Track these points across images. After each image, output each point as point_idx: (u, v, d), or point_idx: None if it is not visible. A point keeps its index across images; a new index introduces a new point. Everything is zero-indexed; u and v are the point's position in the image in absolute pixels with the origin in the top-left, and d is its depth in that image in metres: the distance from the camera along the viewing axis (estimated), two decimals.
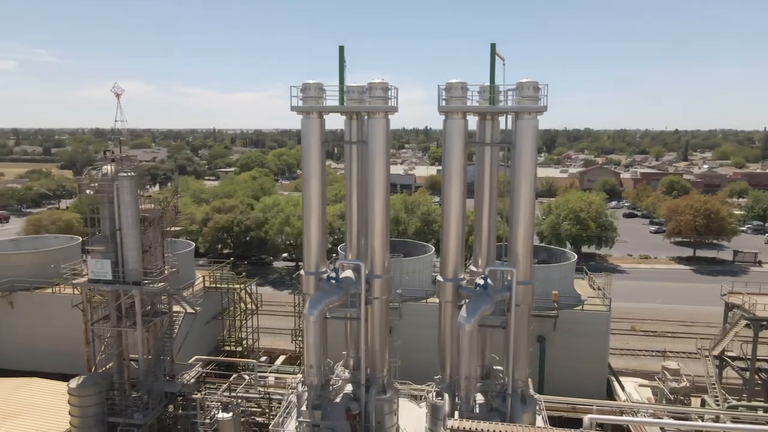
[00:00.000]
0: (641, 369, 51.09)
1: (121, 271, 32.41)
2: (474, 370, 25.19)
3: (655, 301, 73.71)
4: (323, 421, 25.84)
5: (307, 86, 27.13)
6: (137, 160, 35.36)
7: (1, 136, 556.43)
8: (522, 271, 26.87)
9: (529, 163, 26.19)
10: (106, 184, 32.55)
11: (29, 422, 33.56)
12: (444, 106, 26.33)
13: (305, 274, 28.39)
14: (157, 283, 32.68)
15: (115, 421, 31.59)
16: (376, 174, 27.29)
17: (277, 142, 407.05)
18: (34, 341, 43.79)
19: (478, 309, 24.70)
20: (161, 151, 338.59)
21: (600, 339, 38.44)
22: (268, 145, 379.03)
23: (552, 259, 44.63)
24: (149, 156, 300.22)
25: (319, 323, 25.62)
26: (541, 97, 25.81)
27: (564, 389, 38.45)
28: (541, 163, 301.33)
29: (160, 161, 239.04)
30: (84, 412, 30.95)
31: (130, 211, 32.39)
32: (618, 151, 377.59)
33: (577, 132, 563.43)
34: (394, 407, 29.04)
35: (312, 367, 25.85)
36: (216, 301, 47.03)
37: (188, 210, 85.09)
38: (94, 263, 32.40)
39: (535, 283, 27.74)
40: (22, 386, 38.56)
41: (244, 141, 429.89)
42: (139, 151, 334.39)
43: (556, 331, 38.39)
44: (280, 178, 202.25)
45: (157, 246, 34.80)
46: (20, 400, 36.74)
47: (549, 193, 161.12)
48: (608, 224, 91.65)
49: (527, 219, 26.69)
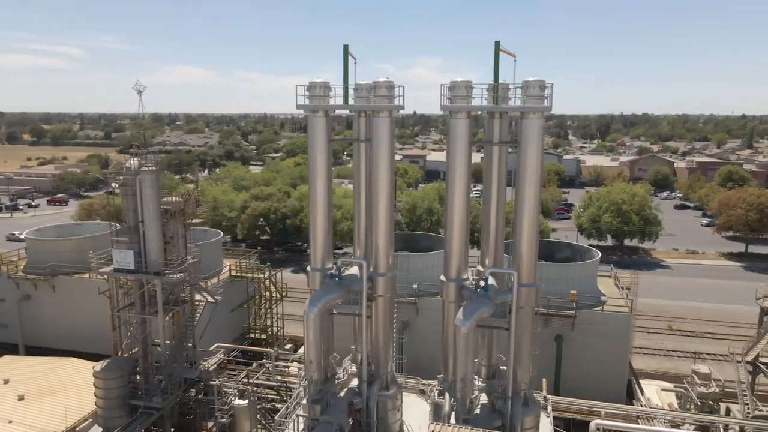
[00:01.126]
0: (673, 371, 49.41)
1: (144, 262, 33.86)
2: (470, 372, 25.12)
3: (697, 299, 70.77)
4: (323, 415, 26.38)
5: (314, 85, 27.37)
6: (159, 155, 36.65)
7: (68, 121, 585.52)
8: (526, 274, 26.45)
9: (534, 163, 25.66)
10: (130, 177, 33.98)
11: (62, 400, 35.68)
12: (446, 105, 26.04)
13: (311, 270, 28.91)
14: (176, 274, 34.04)
15: (136, 404, 33.25)
16: (380, 172, 27.34)
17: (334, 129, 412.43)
18: (73, 323, 46.41)
19: (474, 312, 24.54)
20: (214, 136, 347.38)
21: (620, 340, 37.41)
22: None
23: (576, 256, 43.58)
24: (201, 141, 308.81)
25: (318, 320, 26.10)
26: (547, 96, 25.15)
27: (582, 390, 37.74)
28: (591, 150, 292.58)
29: (209, 147, 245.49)
30: (107, 394, 32.68)
31: (152, 203, 33.71)
32: (677, 137, 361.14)
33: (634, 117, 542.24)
34: (397, 403, 29.31)
35: (312, 363, 26.42)
36: (242, 289, 48.42)
37: (228, 197, 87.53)
38: (118, 253, 33.99)
39: (540, 285, 27.32)
40: (61, 365, 41.03)
41: (293, 126, 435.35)
42: (193, 136, 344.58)
43: (575, 330, 37.62)
44: None
45: (179, 237, 36.04)
46: (57, 378, 39.13)
47: (596, 183, 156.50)
48: (652, 217, 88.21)
49: (532, 220, 26.20)
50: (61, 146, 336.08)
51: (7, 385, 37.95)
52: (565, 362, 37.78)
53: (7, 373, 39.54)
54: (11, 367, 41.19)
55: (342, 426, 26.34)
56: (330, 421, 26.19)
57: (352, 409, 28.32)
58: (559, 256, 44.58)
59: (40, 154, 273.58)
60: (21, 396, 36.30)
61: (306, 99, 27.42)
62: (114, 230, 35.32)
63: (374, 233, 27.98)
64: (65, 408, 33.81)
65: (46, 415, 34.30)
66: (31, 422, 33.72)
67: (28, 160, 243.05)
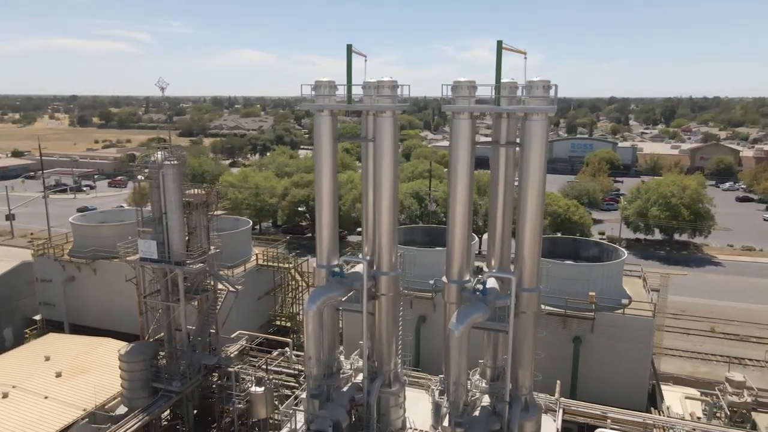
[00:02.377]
0: (706, 377, 47.33)
1: (167, 251, 35.36)
2: (462, 375, 25.02)
3: (747, 300, 67.10)
4: (321, 410, 27.01)
5: (319, 84, 27.62)
6: (182, 149, 37.90)
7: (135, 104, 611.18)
8: (528, 278, 26.02)
9: (537, 164, 24.96)
10: (154, 170, 35.39)
11: (96, 379, 37.95)
12: (448, 105, 25.69)
13: (317, 267, 29.42)
14: (197, 264, 35.39)
15: (157, 387, 35.01)
16: (383, 172, 27.38)
17: None
18: (111, 305, 49.04)
19: (468, 316, 24.37)
20: (269, 120, 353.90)
21: (642, 345, 36.11)
22: None
23: (603, 255, 42.19)
24: (256, 125, 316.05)
25: (317, 317, 26.59)
26: (552, 97, 24.39)
27: (600, 395, 36.82)
28: (653, 137, 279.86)
29: (261, 131, 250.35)
30: (131, 376, 34.56)
31: (174, 196, 35.06)
32: (749, 123, 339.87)
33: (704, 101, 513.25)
34: (400, 400, 29.63)
35: (311, 359, 27.01)
36: (269, 277, 49.70)
37: (269, 183, 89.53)
38: (143, 243, 35.63)
39: (540, 289, 26.74)
40: (97, 345, 43.59)
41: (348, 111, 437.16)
42: (249, 120, 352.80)
43: (594, 333, 36.63)
44: None
45: (202, 228, 37.38)
46: (93, 358, 41.61)
47: (653, 172, 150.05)
48: (704, 212, 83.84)
49: (534, 224, 25.62)
50: (126, 129, 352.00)
51: (47, 362, 40.69)
52: (584, 365, 36.89)
53: (49, 351, 42.41)
54: (53, 345, 44.15)
55: (339, 421, 26.90)
56: (328, 416, 26.80)
57: (353, 404, 28.85)
58: (585, 254, 43.33)
59: (107, 136, 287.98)
60: (58, 373, 38.86)
61: (314, 97, 27.72)
62: (140, 220, 37.05)
63: (378, 232, 28.15)
64: (97, 386, 35.98)
65: (79, 392, 36.60)
66: (65, 398, 36.08)
67: (95, 142, 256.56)
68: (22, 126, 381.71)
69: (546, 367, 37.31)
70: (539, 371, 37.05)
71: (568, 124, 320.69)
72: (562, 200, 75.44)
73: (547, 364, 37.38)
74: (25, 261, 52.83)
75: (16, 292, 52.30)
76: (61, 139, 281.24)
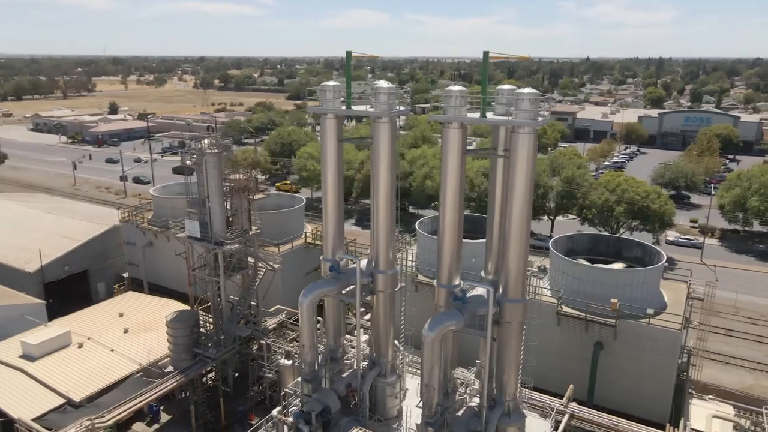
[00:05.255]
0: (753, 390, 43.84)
1: (209, 231, 39.00)
2: (434, 379, 25.91)
3: None
4: (314, 393, 29.31)
5: (324, 89, 28.87)
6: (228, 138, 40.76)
7: (255, 66, 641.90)
8: (512, 289, 26.09)
9: (523, 177, 24.66)
10: (200, 156, 38.80)
11: (154, 337, 43.16)
12: (436, 115, 25.94)
13: (323, 260, 31.31)
14: (234, 244, 38.72)
15: (197, 352, 39.29)
16: (380, 175, 28.40)
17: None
18: (181, 271, 54.37)
19: (441, 323, 25.11)
20: None
21: (666, 358, 34.42)
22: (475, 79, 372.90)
23: (646, 257, 40.06)
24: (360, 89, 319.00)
25: (311, 308, 28.58)
26: (538, 111, 23.84)
27: (620, 403, 36.04)
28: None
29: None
30: (175, 341, 39.06)
31: (215, 182, 38.37)
32: None
33: None
34: (395, 390, 31.19)
35: (305, 347, 29.23)
36: (317, 254, 52.41)
37: (347, 156, 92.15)
38: (189, 223, 39.54)
39: (526, 300, 26.68)
40: (163, 306, 49.02)
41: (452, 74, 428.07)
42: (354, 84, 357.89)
43: (617, 340, 35.49)
44: None
45: (243, 210, 40.59)
46: (157, 318, 46.73)
47: None
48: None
49: (521, 236, 25.48)
50: (242, 92, 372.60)
51: (120, 318, 46.75)
52: (605, 371, 35.99)
53: (123, 308, 48.58)
54: (129, 303, 50.42)
55: (329, 406, 29.07)
56: (320, 400, 29.08)
57: (350, 390, 30.90)
58: (627, 255, 41.40)
59: (223, 99, 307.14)
60: (126, 329, 44.64)
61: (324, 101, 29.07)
62: (188, 201, 40.91)
63: (376, 232, 29.35)
64: (154, 345, 40.97)
65: (139, 348, 41.92)
66: (127, 353, 41.58)
67: (211, 105, 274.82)
68: (156, 87, 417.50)
69: (564, 369, 37.21)
70: (557, 372, 37.04)
71: (692, 92, 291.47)
72: (641, 186, 70.86)
73: (566, 366, 37.24)
74: (116, 225, 59.96)
75: (107, 251, 59.79)
76: (184, 101, 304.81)
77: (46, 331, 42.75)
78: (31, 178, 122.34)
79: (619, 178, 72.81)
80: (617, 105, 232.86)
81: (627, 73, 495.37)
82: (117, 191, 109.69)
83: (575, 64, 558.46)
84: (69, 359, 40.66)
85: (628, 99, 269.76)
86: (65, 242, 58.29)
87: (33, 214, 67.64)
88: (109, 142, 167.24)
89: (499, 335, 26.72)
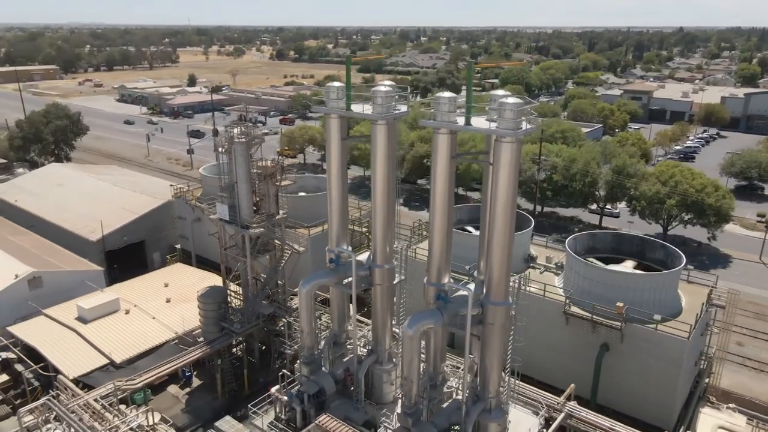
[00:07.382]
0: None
1: (237, 215, 41.74)
2: (413, 372, 27.23)
3: None
4: (312, 376, 31.51)
5: (329, 90, 30.16)
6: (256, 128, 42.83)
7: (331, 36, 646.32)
8: (495, 292, 26.80)
9: (505, 185, 25.14)
10: (230, 144, 41.33)
11: (190, 308, 46.90)
12: (425, 121, 26.66)
13: (327, 251, 33.09)
14: (258, 228, 41.27)
15: (224, 326, 42.56)
16: (377, 174, 29.60)
17: (563, 49, 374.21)
18: None
19: (419, 321, 26.30)
20: (446, 56, 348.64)
21: (671, 365, 33.79)
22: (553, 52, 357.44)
23: (668, 259, 38.96)
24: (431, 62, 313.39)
25: (309, 297, 30.57)
26: (522, 120, 24.09)
27: (624, 405, 36.01)
28: None
29: (424, 72, 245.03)
30: (205, 315, 42.48)
31: (242, 169, 40.83)
32: None
33: None
34: (391, 377, 32.84)
35: (303, 332, 31.34)
36: None
37: (401, 136, 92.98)
38: (219, 206, 42.47)
39: (513, 304, 27.31)
40: (204, 279, 52.89)
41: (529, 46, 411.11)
42: (426, 56, 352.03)
43: (624, 343, 35.23)
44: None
45: (270, 196, 42.97)
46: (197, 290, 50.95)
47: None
48: None
49: (503, 242, 26.07)
50: (315, 63, 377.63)
51: (165, 288, 51.06)
52: (611, 373, 35.91)
53: (169, 278, 52.90)
54: (175, 274, 54.76)
55: (324, 387, 31.20)
56: (316, 382, 31.26)
57: (347, 374, 32.91)
58: (650, 256, 40.41)
59: (296, 71, 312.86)
60: (168, 299, 48.81)
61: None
62: (221, 185, 43.72)
63: (374, 228, 30.73)
64: (191, 315, 44.67)
65: (176, 317, 45.91)
66: (165, 321, 45.68)
67: (284, 77, 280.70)
68: (234, 58, 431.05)
69: (570, 367, 37.48)
70: (562, 370, 37.39)
71: None
72: (698, 178, 67.40)
73: (572, 364, 37.48)
74: (170, 200, 64.59)
75: (162, 224, 64.67)
76: (258, 73, 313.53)
77: (99, 297, 47.56)
78: (111, 148, 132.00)
79: (674, 169, 69.53)
80: (704, 82, 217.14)
81: (724, 45, 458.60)
82: (185, 163, 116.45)
83: (665, 35, 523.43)
84: (116, 324, 45.20)
85: (719, 75, 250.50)
86: (126, 214, 63.60)
87: (103, 187, 73.83)
88: (184, 114, 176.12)
89: (483, 335, 27.58)
